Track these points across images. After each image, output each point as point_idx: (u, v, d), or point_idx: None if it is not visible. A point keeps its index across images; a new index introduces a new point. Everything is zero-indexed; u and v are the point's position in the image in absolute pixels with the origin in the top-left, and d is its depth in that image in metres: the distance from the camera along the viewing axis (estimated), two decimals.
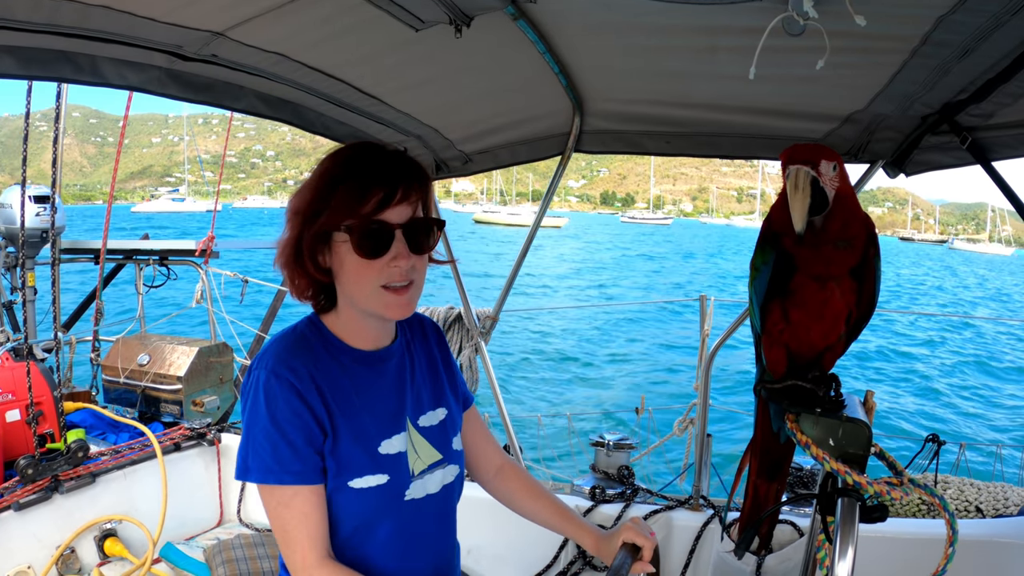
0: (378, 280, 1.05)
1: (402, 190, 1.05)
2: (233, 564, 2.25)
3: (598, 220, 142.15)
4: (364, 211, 1.03)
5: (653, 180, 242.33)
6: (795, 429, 1.27)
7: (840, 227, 1.27)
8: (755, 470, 1.56)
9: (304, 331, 1.13)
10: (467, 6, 1.21)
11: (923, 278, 45.78)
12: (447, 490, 1.21)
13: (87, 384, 4.11)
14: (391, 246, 1.04)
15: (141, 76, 1.42)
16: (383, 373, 1.17)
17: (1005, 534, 2.09)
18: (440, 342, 1.32)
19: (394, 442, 1.13)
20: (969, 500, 3.06)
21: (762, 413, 1.52)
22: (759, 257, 1.38)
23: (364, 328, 1.15)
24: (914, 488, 1.23)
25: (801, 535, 2.17)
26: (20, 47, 1.20)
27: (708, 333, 4.66)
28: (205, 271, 5.05)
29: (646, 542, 1.21)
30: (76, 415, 3.29)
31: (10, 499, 2.30)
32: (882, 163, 1.93)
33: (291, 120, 1.82)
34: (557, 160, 2.26)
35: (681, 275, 35.31)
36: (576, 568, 2.33)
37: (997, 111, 1.51)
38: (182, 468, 2.84)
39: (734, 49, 1.39)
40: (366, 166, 1.06)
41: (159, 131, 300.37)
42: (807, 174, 1.21)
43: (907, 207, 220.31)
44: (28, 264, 4.53)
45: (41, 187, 4.51)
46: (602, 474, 2.55)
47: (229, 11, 1.24)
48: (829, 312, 1.32)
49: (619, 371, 13.52)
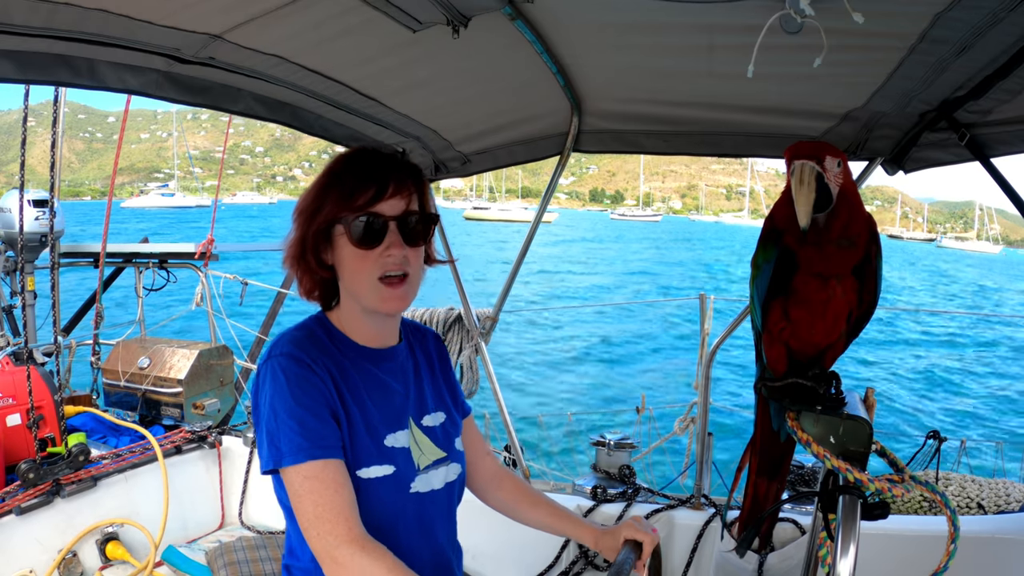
0: (374, 271, 1.11)
1: (393, 185, 1.12)
2: (235, 567, 2.25)
3: (587, 217, 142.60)
4: (359, 203, 1.10)
5: (643, 177, 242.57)
6: (796, 427, 1.27)
7: (843, 225, 1.27)
8: (756, 468, 1.56)
9: (312, 327, 1.18)
10: (464, 7, 1.21)
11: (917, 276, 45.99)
12: (449, 487, 1.24)
13: (87, 388, 4.10)
14: (385, 236, 1.11)
15: (139, 79, 1.41)
16: (388, 371, 1.21)
17: (1007, 531, 2.08)
18: (441, 354, 1.36)
19: (398, 437, 1.17)
20: (971, 497, 3.05)
21: (762, 411, 1.52)
22: (761, 255, 1.38)
23: (367, 326, 1.19)
24: (915, 485, 1.23)
25: (803, 533, 2.17)
26: (17, 51, 1.20)
27: (708, 332, 4.67)
28: (205, 274, 5.05)
29: (647, 538, 1.23)
30: (77, 419, 3.29)
31: (11, 503, 2.30)
32: (881, 160, 1.93)
33: (289, 122, 1.82)
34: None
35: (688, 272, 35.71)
36: (578, 568, 2.33)
37: (995, 107, 1.51)
38: (183, 471, 2.84)
39: (732, 47, 1.39)
40: (362, 165, 1.15)
41: (147, 127, 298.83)
42: (812, 169, 1.21)
43: (896, 205, 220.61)
44: (27, 268, 4.53)
45: (40, 191, 4.50)
46: (603, 474, 2.55)
47: (227, 14, 1.24)
48: (830, 310, 1.32)
49: (619, 371, 13.52)
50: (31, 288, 4.52)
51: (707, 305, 4.79)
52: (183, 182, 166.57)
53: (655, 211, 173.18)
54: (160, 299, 5.43)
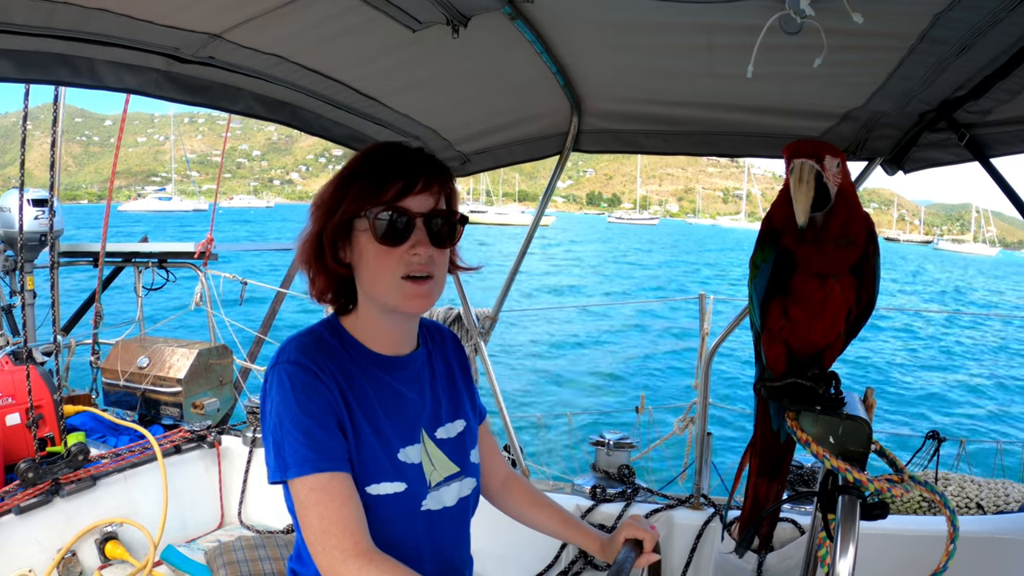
0: (397, 270, 1.05)
1: (423, 181, 1.06)
2: (234, 566, 2.25)
3: (585, 220, 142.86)
4: (385, 198, 1.04)
5: (640, 180, 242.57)
6: (795, 427, 1.27)
7: (842, 224, 1.27)
8: (755, 469, 1.56)
9: (321, 332, 1.12)
10: (464, 6, 1.21)
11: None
12: (463, 503, 1.19)
13: (87, 387, 4.10)
14: (411, 234, 1.05)
15: (139, 79, 1.41)
16: (402, 380, 1.15)
17: (1006, 531, 2.08)
18: (459, 353, 1.30)
19: (410, 452, 1.11)
20: (970, 497, 3.05)
21: (762, 411, 1.52)
22: (759, 255, 1.38)
23: (384, 330, 1.13)
24: (915, 485, 1.23)
25: (802, 533, 2.17)
26: (17, 50, 1.20)
27: (708, 332, 4.67)
28: (204, 273, 5.05)
29: (647, 535, 1.22)
30: (76, 418, 3.28)
31: (11, 503, 2.30)
32: (880, 160, 1.93)
33: (289, 122, 1.82)
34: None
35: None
36: (577, 568, 2.33)
37: (995, 107, 1.51)
38: (183, 470, 2.84)
39: (732, 47, 1.39)
40: (390, 158, 1.08)
41: (144, 130, 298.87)
42: (811, 168, 1.21)
43: (892, 207, 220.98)
44: (27, 268, 4.52)
45: (39, 191, 4.50)
46: (603, 473, 2.55)
47: (227, 13, 1.24)
48: (829, 310, 1.32)
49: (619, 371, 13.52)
50: (31, 287, 4.52)
51: (706, 304, 4.79)
52: (180, 186, 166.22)
53: (652, 214, 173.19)
54: (159, 299, 5.43)
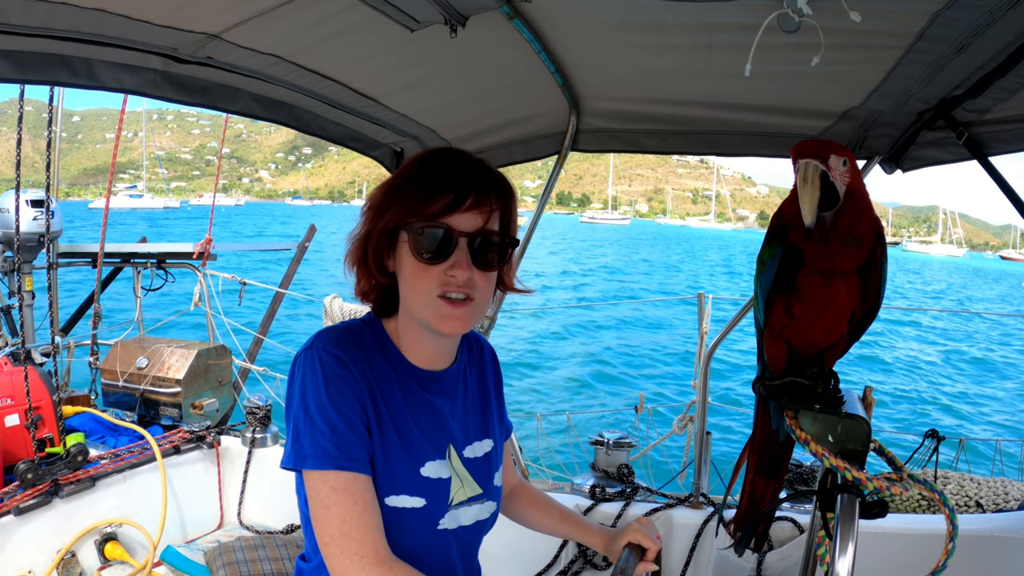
0: (434, 289, 0.99)
1: (473, 196, 0.99)
2: (234, 567, 2.25)
3: (556, 220, 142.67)
4: (429, 211, 0.98)
5: (611, 180, 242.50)
6: (794, 426, 1.27)
7: (850, 224, 1.26)
8: (754, 467, 1.56)
9: (360, 330, 1.08)
10: (462, 6, 1.21)
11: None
12: (479, 526, 1.15)
13: (86, 388, 4.10)
14: (451, 253, 0.98)
15: (136, 79, 1.41)
16: (436, 393, 1.11)
17: (1005, 529, 2.09)
18: (495, 368, 1.27)
19: (435, 467, 1.07)
20: (969, 495, 3.06)
21: (761, 410, 1.52)
22: (766, 251, 1.38)
23: (421, 342, 1.08)
24: (914, 484, 1.23)
25: (801, 532, 2.17)
26: (14, 51, 1.20)
27: (707, 331, 4.67)
28: (203, 274, 5.05)
29: (651, 544, 1.21)
30: (75, 419, 3.28)
31: (10, 504, 2.29)
32: (879, 159, 1.93)
33: (287, 122, 1.82)
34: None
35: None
36: (577, 567, 2.33)
37: (993, 106, 1.51)
38: (182, 471, 2.84)
39: (730, 46, 1.39)
40: (441, 167, 1.01)
41: (113, 127, 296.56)
42: (816, 168, 1.21)
43: None
44: (25, 268, 4.52)
45: (38, 191, 4.50)
46: (602, 473, 2.55)
47: (224, 13, 1.24)
48: (833, 309, 1.31)
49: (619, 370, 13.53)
50: (29, 288, 4.52)
51: (705, 304, 4.79)
52: (149, 183, 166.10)
53: (622, 214, 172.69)
54: (158, 299, 5.43)
